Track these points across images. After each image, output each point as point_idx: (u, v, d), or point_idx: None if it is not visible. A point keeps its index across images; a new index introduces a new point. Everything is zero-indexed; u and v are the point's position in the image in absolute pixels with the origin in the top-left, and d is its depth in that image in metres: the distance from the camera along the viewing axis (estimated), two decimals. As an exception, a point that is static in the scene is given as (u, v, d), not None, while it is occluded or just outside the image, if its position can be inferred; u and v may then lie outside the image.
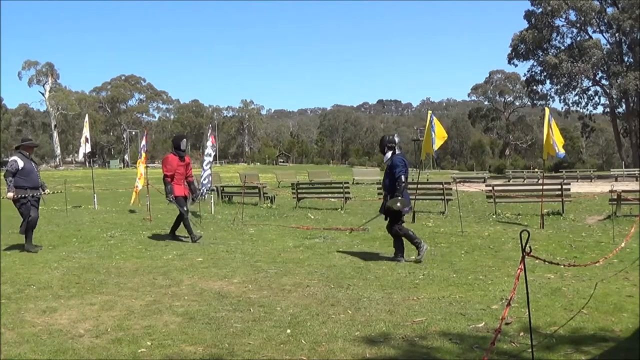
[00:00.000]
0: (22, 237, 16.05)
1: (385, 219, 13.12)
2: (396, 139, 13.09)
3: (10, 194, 14.11)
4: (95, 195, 28.08)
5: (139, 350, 6.84)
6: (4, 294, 9.78)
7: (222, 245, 14.83)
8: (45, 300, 9.34)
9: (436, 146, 18.94)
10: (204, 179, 23.21)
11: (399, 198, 12.32)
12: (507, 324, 7.32)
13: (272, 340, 7.11)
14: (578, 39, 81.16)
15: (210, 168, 23.94)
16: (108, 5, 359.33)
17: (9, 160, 14.43)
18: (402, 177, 12.32)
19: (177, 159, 16.09)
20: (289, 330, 7.47)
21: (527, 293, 6.11)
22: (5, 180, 14.00)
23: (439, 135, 18.98)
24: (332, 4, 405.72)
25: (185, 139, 16.95)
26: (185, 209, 16.05)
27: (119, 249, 14.51)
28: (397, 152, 12.83)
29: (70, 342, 7.17)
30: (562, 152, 17.58)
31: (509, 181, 53.25)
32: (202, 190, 23.05)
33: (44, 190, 14.82)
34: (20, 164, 14.18)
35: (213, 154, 24.63)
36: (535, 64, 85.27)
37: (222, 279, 10.84)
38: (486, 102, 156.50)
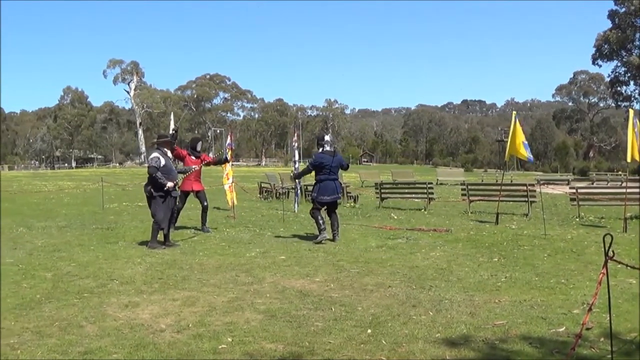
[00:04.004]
0: (103, 233, 16.36)
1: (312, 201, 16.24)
2: (326, 138, 15.76)
3: (170, 183, 14.46)
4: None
5: (220, 346, 6.86)
6: (87, 287, 9.98)
7: (305, 244, 14.84)
8: (127, 294, 9.46)
9: (517, 153, 18.65)
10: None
11: (292, 175, 16.86)
12: (587, 329, 7.16)
13: (353, 340, 7.06)
14: (662, 39, 79.46)
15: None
16: (193, 4, 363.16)
17: (151, 156, 14.60)
18: (307, 167, 16.09)
19: (193, 158, 17.64)
20: (369, 330, 7.41)
21: (609, 298, 5.95)
22: (155, 176, 14.11)
23: (517, 141, 18.60)
24: (417, 4, 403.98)
25: (201, 141, 18.89)
26: (180, 205, 17.38)
27: (202, 246, 14.64)
28: (327, 148, 15.51)
29: (151, 336, 7.23)
30: None
31: (592, 184, 52.33)
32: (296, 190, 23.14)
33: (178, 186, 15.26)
34: (162, 161, 14.37)
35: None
36: (619, 64, 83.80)
37: (304, 277, 10.84)
38: (570, 103, 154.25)
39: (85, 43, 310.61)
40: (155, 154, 14.48)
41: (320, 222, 15.24)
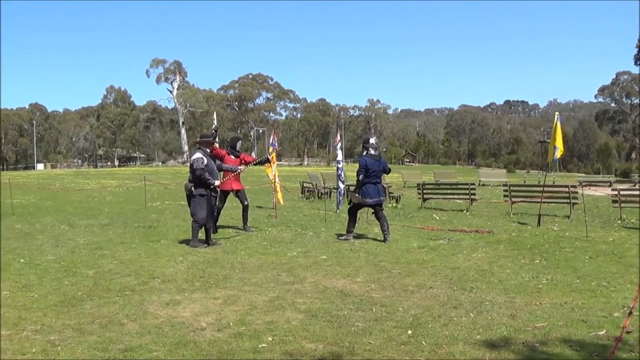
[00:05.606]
0: (145, 231, 16.45)
1: (349, 203, 16.48)
2: (371, 141, 16.12)
3: (217, 182, 15.00)
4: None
5: (260, 345, 6.87)
6: (128, 285, 10.08)
7: (346, 244, 14.81)
8: (169, 293, 9.52)
9: (552, 155, 18.39)
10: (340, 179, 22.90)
11: (354, 193, 15.78)
12: (628, 332, 7.08)
13: (393, 341, 7.05)
14: (703, 38, 78.35)
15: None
16: (236, 4, 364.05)
17: (194, 157, 14.67)
18: (360, 176, 15.46)
19: (232, 158, 17.51)
20: (410, 331, 7.39)
21: (649, 302, 5.89)
22: (203, 177, 14.28)
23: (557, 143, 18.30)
24: (456, 4, 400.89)
25: (240, 141, 18.77)
26: (220, 204, 17.08)
27: (244, 245, 14.68)
28: (371, 152, 15.74)
29: (191, 334, 7.27)
30: None
31: (634, 185, 51.72)
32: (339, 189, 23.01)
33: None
34: (205, 161, 14.50)
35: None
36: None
37: (345, 277, 10.82)
38: (613, 104, 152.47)
39: (128, 43, 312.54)
40: (198, 155, 14.58)
41: (352, 223, 15.95)
